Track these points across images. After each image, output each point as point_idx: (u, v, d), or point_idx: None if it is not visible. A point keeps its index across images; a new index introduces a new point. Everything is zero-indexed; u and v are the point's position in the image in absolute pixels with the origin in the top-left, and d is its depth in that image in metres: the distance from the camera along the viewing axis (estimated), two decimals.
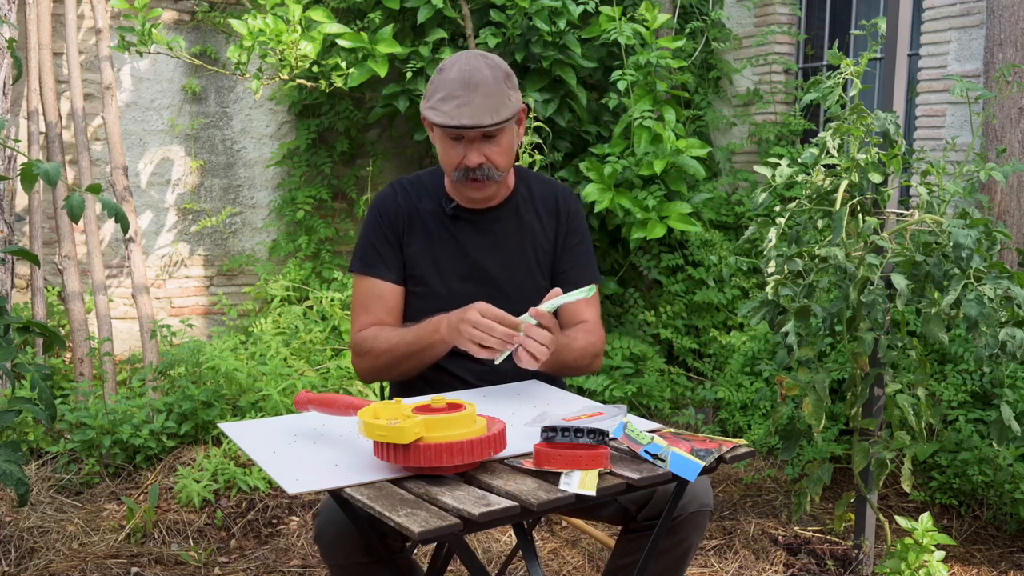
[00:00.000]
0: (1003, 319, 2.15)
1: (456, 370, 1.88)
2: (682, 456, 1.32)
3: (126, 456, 3.34)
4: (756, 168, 2.66)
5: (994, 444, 2.60)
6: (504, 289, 1.92)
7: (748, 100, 4.99)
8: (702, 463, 1.32)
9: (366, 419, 1.32)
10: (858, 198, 2.44)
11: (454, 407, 1.35)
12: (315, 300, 4.38)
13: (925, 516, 2.43)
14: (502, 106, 1.79)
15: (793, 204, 2.52)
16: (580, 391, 3.85)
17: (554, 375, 1.93)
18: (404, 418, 1.30)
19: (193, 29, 4.71)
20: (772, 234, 2.49)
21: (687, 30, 4.86)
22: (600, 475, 1.29)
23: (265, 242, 4.97)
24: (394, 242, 1.93)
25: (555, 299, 1.66)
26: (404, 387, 1.95)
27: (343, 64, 4.28)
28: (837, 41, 2.78)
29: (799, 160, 2.58)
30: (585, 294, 1.68)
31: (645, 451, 1.35)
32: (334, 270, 4.69)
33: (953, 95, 2.55)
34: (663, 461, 1.33)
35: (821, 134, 2.47)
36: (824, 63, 4.90)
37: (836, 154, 2.45)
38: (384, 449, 1.30)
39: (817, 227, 2.53)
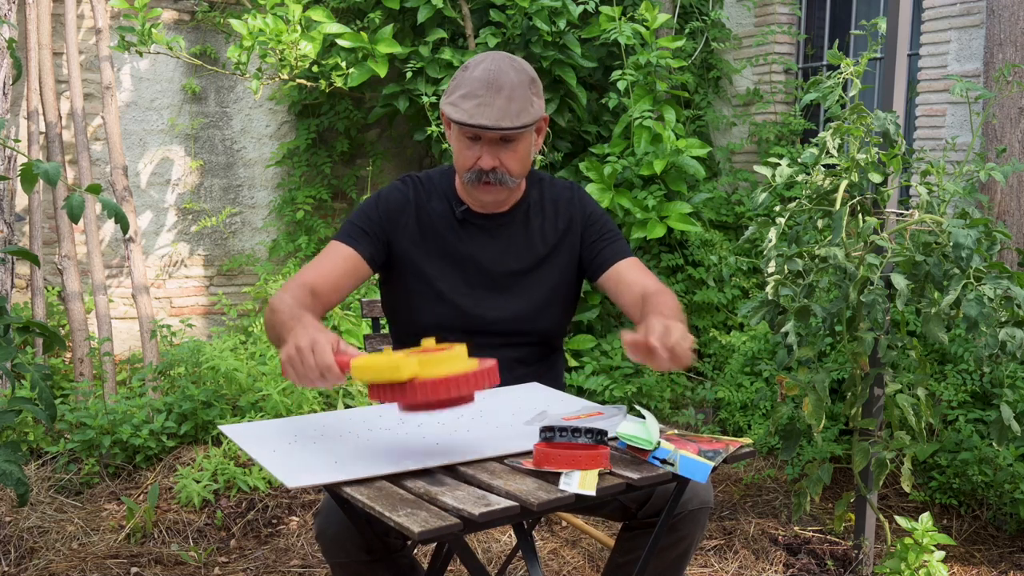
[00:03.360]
0: (1003, 319, 2.15)
1: None
2: (691, 459, 1.32)
3: (126, 456, 3.34)
4: (756, 168, 2.66)
5: (994, 444, 2.60)
6: (511, 296, 1.89)
7: (748, 100, 4.99)
8: (711, 464, 1.32)
9: (360, 365, 1.31)
10: (858, 198, 2.44)
11: (445, 347, 1.36)
12: None
13: (925, 516, 2.43)
14: (523, 111, 1.75)
15: (793, 204, 2.52)
16: (580, 391, 3.85)
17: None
18: (399, 359, 1.29)
19: (193, 29, 4.71)
20: (772, 234, 2.49)
21: (687, 30, 4.86)
22: (600, 475, 1.29)
23: (265, 242, 4.97)
24: (380, 232, 1.86)
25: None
26: None
27: (343, 64, 4.28)
28: (837, 41, 2.78)
29: (799, 160, 2.58)
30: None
31: (653, 457, 1.34)
32: None
33: (953, 95, 2.55)
34: (671, 465, 1.32)
35: (821, 134, 2.47)
36: (824, 63, 4.89)
37: (836, 154, 2.44)
38: (381, 390, 1.30)
39: (817, 227, 2.53)
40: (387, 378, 1.28)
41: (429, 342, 1.37)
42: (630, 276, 1.86)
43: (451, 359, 1.31)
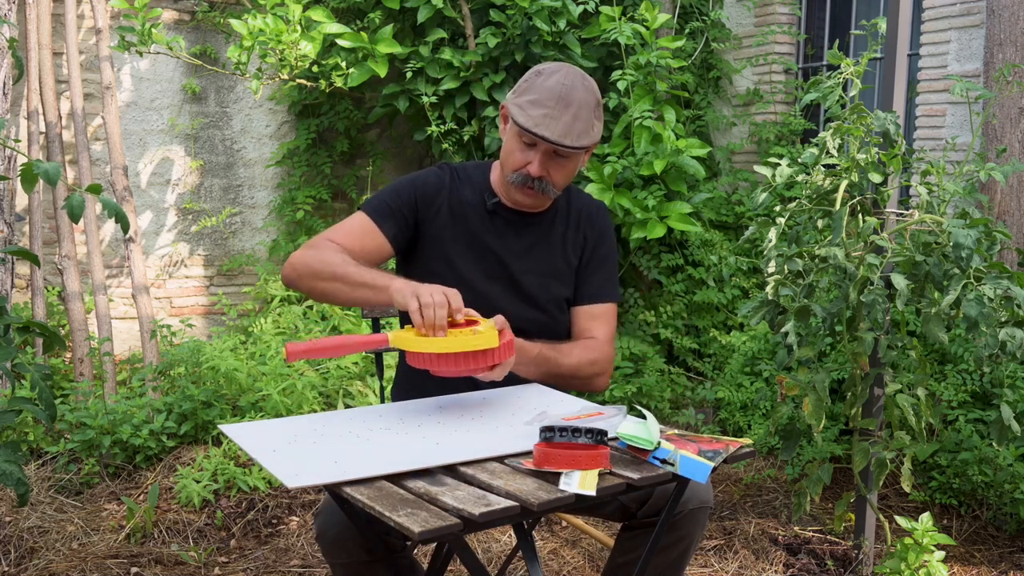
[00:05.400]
0: (1003, 319, 2.15)
1: None
2: (691, 459, 1.32)
3: (126, 456, 3.34)
4: (756, 168, 2.66)
5: (994, 444, 2.60)
6: (525, 295, 1.90)
7: (748, 100, 4.99)
8: (711, 464, 1.32)
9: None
10: (858, 198, 2.44)
11: (471, 321, 1.56)
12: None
13: (925, 516, 2.43)
14: (585, 133, 1.78)
15: (793, 204, 2.52)
16: (580, 392, 3.85)
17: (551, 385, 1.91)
18: (468, 330, 1.52)
19: (193, 29, 4.71)
20: (772, 234, 2.49)
21: (687, 30, 4.86)
22: (600, 475, 1.29)
23: (265, 242, 4.97)
24: (409, 213, 1.87)
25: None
26: (407, 385, 1.94)
27: (343, 64, 4.28)
28: (837, 41, 2.78)
29: (799, 160, 2.58)
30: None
31: (653, 457, 1.34)
32: None
33: (953, 95, 2.55)
34: (672, 465, 1.32)
35: (821, 134, 2.47)
36: (824, 63, 4.89)
37: (836, 154, 2.44)
38: (463, 359, 1.49)
39: (817, 227, 2.53)
40: (482, 347, 1.49)
41: (455, 320, 1.55)
42: (590, 324, 1.94)
43: (491, 329, 1.54)
